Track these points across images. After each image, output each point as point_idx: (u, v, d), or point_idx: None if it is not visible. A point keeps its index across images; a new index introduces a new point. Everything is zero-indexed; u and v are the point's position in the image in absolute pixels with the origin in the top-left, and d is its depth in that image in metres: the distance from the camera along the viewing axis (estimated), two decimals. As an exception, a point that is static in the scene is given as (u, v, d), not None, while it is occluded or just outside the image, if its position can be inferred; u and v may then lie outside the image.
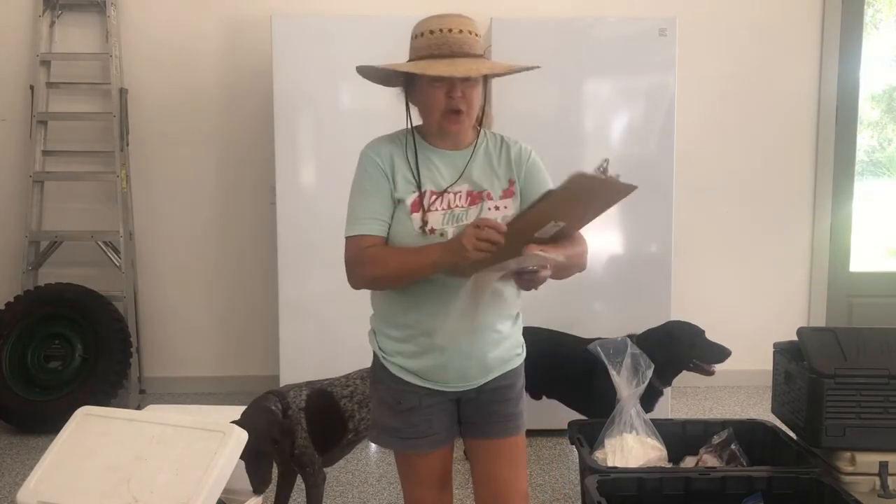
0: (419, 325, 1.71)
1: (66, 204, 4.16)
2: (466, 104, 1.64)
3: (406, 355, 1.74)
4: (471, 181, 1.71)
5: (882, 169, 4.67)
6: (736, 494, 2.24)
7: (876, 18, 4.45)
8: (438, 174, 1.70)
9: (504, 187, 1.73)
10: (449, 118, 1.65)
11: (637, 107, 3.59)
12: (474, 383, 1.76)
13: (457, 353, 1.70)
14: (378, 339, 1.82)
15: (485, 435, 1.81)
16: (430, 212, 1.65)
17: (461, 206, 1.68)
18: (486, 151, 1.75)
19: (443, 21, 1.65)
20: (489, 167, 1.73)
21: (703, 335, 2.81)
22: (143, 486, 1.91)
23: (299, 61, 3.48)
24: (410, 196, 1.67)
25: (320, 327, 3.56)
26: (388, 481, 3.16)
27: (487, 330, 1.71)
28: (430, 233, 1.64)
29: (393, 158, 1.72)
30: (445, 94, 1.63)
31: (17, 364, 3.79)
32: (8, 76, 4.10)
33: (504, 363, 1.78)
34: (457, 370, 1.72)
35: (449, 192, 1.68)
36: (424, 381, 1.74)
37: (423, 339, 1.70)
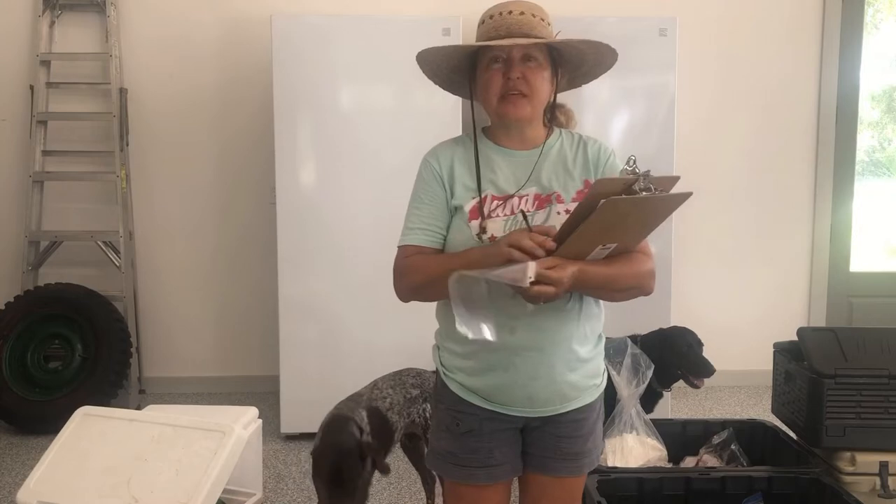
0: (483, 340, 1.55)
1: (66, 204, 4.16)
2: (528, 86, 1.51)
3: (468, 372, 1.59)
4: (539, 183, 1.56)
5: (882, 169, 4.67)
6: (736, 494, 2.24)
7: (876, 18, 4.45)
8: (503, 177, 1.56)
9: (578, 188, 1.56)
10: (507, 101, 1.52)
11: (637, 107, 3.59)
12: (543, 410, 1.57)
13: (523, 372, 1.53)
14: (441, 355, 1.66)
15: (543, 470, 1.63)
16: (489, 218, 1.51)
17: (527, 211, 1.53)
18: (560, 150, 1.60)
19: (504, 4, 1.54)
20: (562, 167, 1.58)
21: (695, 347, 2.81)
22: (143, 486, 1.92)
23: (299, 61, 3.47)
24: (470, 202, 1.54)
25: (320, 327, 3.56)
26: (389, 481, 3.16)
27: (560, 349, 1.54)
28: (491, 241, 1.49)
29: (453, 163, 1.59)
30: (503, 76, 1.51)
31: (17, 364, 3.79)
32: (8, 76, 4.10)
33: (579, 392, 1.59)
34: (522, 392, 1.55)
35: (514, 196, 1.54)
36: (487, 403, 1.57)
37: (485, 355, 1.54)
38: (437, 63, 1.60)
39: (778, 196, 4.33)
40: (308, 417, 3.60)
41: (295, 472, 3.28)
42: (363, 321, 3.52)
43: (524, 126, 1.58)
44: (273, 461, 3.36)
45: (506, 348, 1.52)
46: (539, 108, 1.57)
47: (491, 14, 1.54)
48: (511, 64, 1.50)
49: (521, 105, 1.52)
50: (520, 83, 1.51)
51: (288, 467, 3.32)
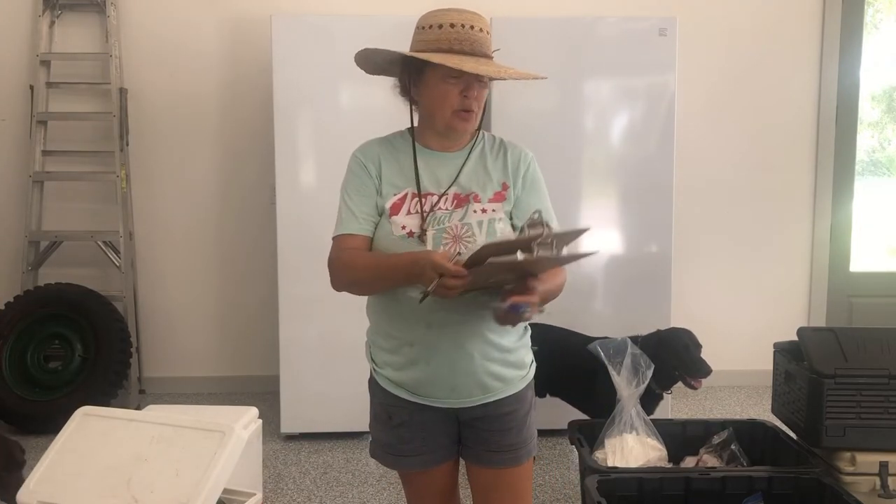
0: (403, 336, 1.64)
1: (66, 204, 4.16)
2: (478, 105, 1.61)
3: (394, 367, 1.67)
4: (459, 184, 1.64)
5: (882, 169, 4.67)
6: (736, 494, 2.24)
7: (876, 18, 4.45)
8: (427, 176, 1.64)
9: (496, 189, 1.65)
10: (460, 117, 1.60)
11: (637, 107, 3.59)
12: (469, 401, 1.64)
13: (442, 365, 1.60)
14: (371, 351, 1.77)
15: (482, 463, 1.71)
16: (410, 214, 1.60)
17: (445, 209, 1.61)
18: (482, 153, 1.69)
19: (464, 16, 1.57)
20: (482, 168, 1.67)
21: (691, 348, 2.79)
22: (143, 486, 1.91)
23: (299, 61, 3.47)
24: (391, 199, 1.62)
25: (320, 327, 3.56)
26: (388, 481, 3.16)
27: (477, 341, 1.60)
28: (410, 236, 1.58)
29: (380, 161, 1.67)
30: (461, 93, 1.57)
31: (17, 364, 3.79)
32: (8, 76, 4.10)
33: (504, 384, 1.65)
34: (445, 384, 1.62)
35: (434, 194, 1.62)
36: (414, 396, 1.65)
37: (407, 350, 1.63)
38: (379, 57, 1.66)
39: (778, 196, 4.33)
40: (308, 417, 3.61)
41: (295, 472, 3.28)
42: (363, 321, 3.51)
43: (458, 135, 1.66)
44: (273, 461, 3.36)
45: (424, 342, 1.60)
46: (478, 121, 1.66)
47: (452, 23, 1.56)
48: (472, 85, 1.57)
49: (471, 121, 1.62)
50: (473, 102, 1.59)
51: (288, 467, 3.32)
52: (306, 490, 3.11)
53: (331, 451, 3.49)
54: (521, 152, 1.70)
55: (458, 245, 1.57)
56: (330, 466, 3.33)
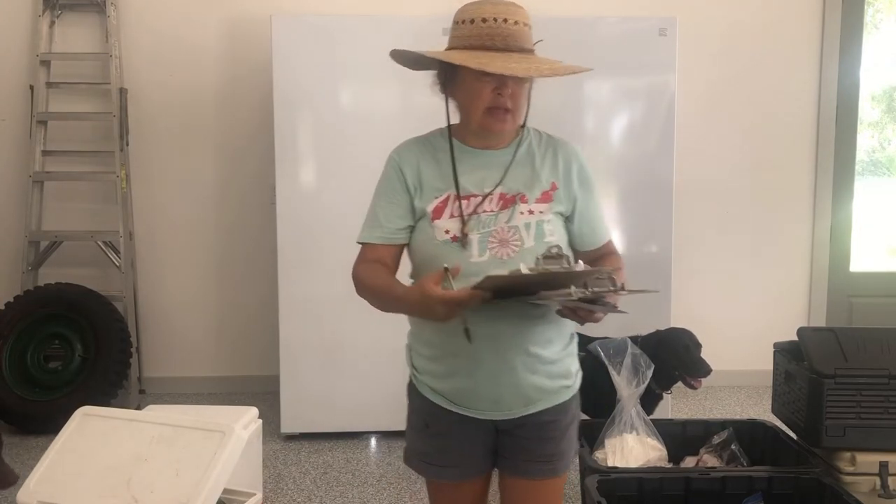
0: (445, 345, 1.56)
1: (66, 204, 4.16)
2: (514, 103, 1.51)
3: (435, 376, 1.60)
4: (504, 184, 1.55)
5: (882, 169, 4.67)
6: (736, 494, 2.24)
7: (876, 18, 4.45)
8: (470, 177, 1.55)
9: (544, 189, 1.56)
10: (494, 116, 1.51)
11: (637, 107, 3.59)
12: (510, 413, 1.58)
13: (485, 377, 1.53)
14: (412, 356, 1.68)
15: (518, 474, 1.64)
16: (453, 218, 1.52)
17: (490, 211, 1.53)
18: (529, 151, 1.60)
19: (497, 9, 1.48)
20: (529, 167, 1.58)
21: (691, 348, 2.79)
22: (143, 486, 1.91)
23: (299, 61, 3.47)
24: (433, 202, 1.54)
25: (320, 327, 3.56)
26: (388, 481, 3.16)
27: (519, 353, 1.53)
28: (454, 241, 1.50)
29: (419, 162, 1.58)
30: (493, 91, 1.48)
31: (17, 364, 3.79)
32: (8, 76, 4.09)
33: (548, 395, 1.59)
34: (487, 396, 1.56)
35: (478, 195, 1.54)
36: (454, 406, 1.59)
37: (449, 360, 1.56)
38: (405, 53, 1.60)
39: (778, 196, 4.33)
40: (308, 417, 3.61)
41: (295, 472, 3.28)
42: (363, 321, 3.50)
43: (500, 135, 1.58)
44: (273, 461, 3.36)
45: (466, 354, 1.51)
46: (520, 121, 1.58)
47: (484, 17, 1.47)
48: (505, 82, 1.48)
49: (507, 120, 1.53)
50: (508, 100, 1.50)
51: (288, 467, 3.32)
52: (306, 490, 3.11)
53: (331, 451, 3.49)
54: (571, 149, 1.62)
55: (506, 249, 1.50)
56: (330, 466, 3.33)
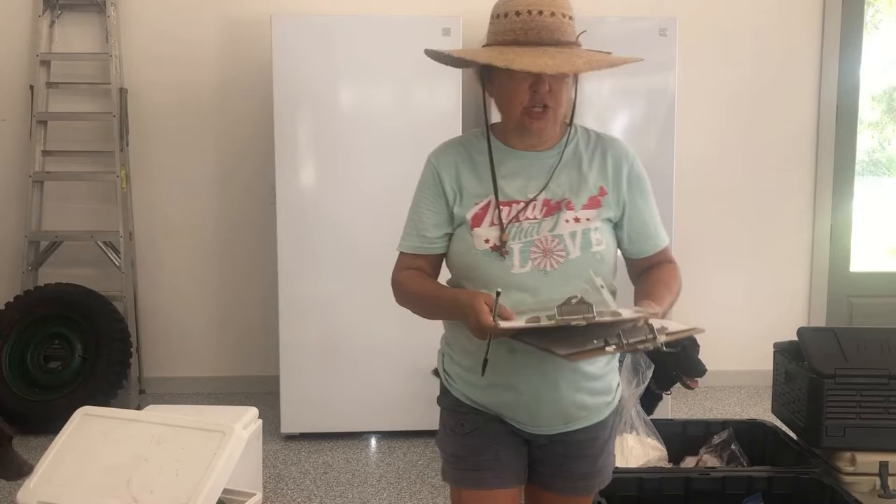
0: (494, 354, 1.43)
1: (66, 204, 4.16)
2: (554, 100, 1.40)
3: (470, 385, 1.51)
4: (549, 189, 1.45)
5: (882, 169, 4.67)
6: (736, 494, 2.24)
7: (876, 18, 4.45)
8: (511, 181, 1.46)
9: (591, 194, 1.46)
10: (531, 115, 1.41)
11: (637, 107, 3.59)
12: (548, 429, 1.50)
13: (527, 392, 1.45)
14: (444, 361, 1.59)
15: (550, 489, 1.57)
16: (494, 226, 1.42)
17: (533, 218, 1.43)
18: (576, 152, 1.49)
19: (532, 0, 1.37)
20: (576, 170, 1.47)
21: (688, 348, 2.78)
22: (143, 486, 1.91)
23: (299, 61, 3.47)
24: (472, 209, 1.45)
25: (320, 327, 3.56)
26: (389, 481, 3.16)
27: (564, 369, 1.44)
28: (494, 250, 1.41)
29: (458, 166, 1.48)
30: (529, 88, 1.38)
31: (17, 364, 3.79)
32: (8, 76, 4.09)
33: (589, 412, 1.51)
34: (527, 412, 1.48)
35: (520, 201, 1.44)
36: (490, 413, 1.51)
37: (489, 372, 1.43)
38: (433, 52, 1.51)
39: (778, 196, 4.33)
40: (308, 417, 3.61)
41: (295, 472, 3.28)
42: (363, 321, 3.52)
43: (540, 135, 1.48)
44: (273, 461, 3.36)
45: (507, 367, 1.43)
46: (561, 118, 1.47)
47: (518, 10, 1.37)
48: (541, 79, 1.37)
49: (546, 119, 1.42)
50: (547, 97, 1.39)
51: (288, 467, 3.32)
52: (306, 490, 3.11)
53: (331, 451, 3.49)
54: (622, 150, 1.51)
55: (549, 259, 1.41)
56: (330, 466, 3.33)
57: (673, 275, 1.51)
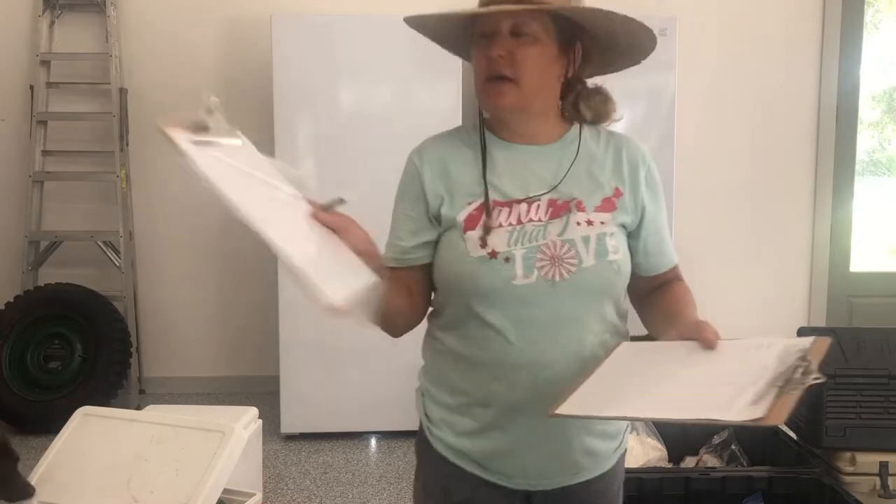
0: (476, 392, 1.24)
1: (66, 204, 4.16)
2: (513, 68, 1.17)
3: (458, 431, 1.26)
4: (557, 188, 1.23)
5: (882, 169, 4.67)
6: (736, 494, 2.24)
7: (876, 18, 4.45)
8: (507, 177, 1.24)
9: (605, 195, 1.24)
10: (488, 89, 1.20)
11: (637, 107, 3.59)
12: (551, 483, 1.26)
13: (526, 435, 1.22)
14: (425, 403, 1.33)
15: None
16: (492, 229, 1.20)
17: (537, 221, 1.20)
18: (585, 146, 1.29)
19: None
20: (587, 168, 1.26)
21: None
22: (143, 486, 1.91)
23: (299, 61, 3.48)
24: (465, 210, 1.23)
25: (320, 327, 3.56)
26: (389, 481, 3.16)
27: None
28: (492, 257, 1.18)
29: (445, 161, 1.27)
30: (484, 55, 1.19)
31: (17, 364, 3.79)
32: (8, 76, 4.09)
33: (598, 460, 1.28)
34: (523, 462, 1.24)
35: (520, 200, 1.22)
36: (481, 470, 1.26)
37: (479, 412, 1.23)
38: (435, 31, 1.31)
39: (778, 196, 4.33)
40: (308, 417, 3.61)
41: (295, 472, 3.28)
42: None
43: (520, 120, 1.26)
44: (273, 461, 3.36)
45: (505, 405, 1.21)
46: (533, 97, 1.22)
47: None
48: (494, 39, 1.17)
49: (504, 92, 1.19)
50: (501, 63, 1.17)
51: (288, 467, 3.32)
52: (306, 490, 3.11)
53: (331, 451, 3.49)
54: (639, 150, 1.32)
55: (558, 269, 1.18)
56: (330, 466, 3.33)
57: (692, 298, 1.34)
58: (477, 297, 1.20)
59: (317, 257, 1.08)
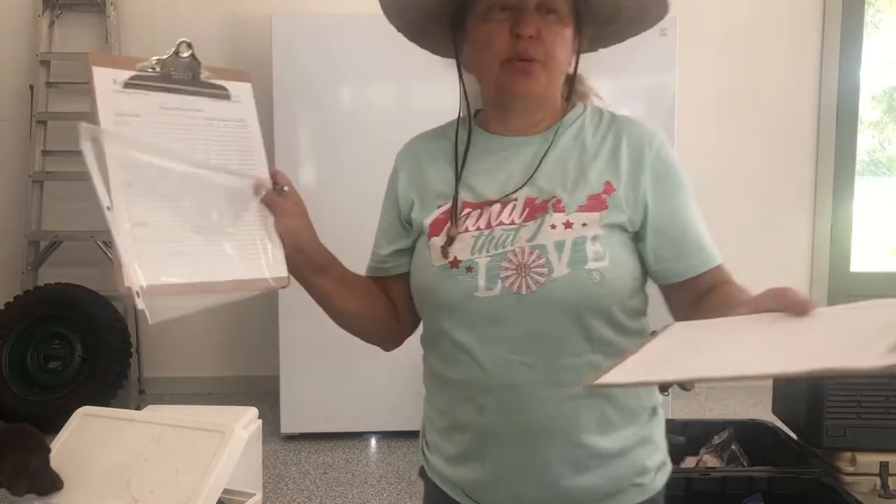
0: (450, 414, 1.11)
1: (65, 204, 4.15)
2: (543, 50, 1.02)
3: (445, 457, 1.13)
4: (534, 183, 1.06)
5: (882, 169, 4.67)
6: (736, 495, 2.24)
7: (876, 18, 4.45)
8: (488, 176, 1.10)
9: (593, 191, 1.04)
10: (513, 69, 1.03)
11: (637, 107, 3.59)
12: None
13: (505, 467, 1.06)
14: (424, 422, 1.21)
15: None
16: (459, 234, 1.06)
17: (508, 224, 1.04)
18: (578, 135, 1.10)
19: None
20: (575, 160, 1.07)
21: None
22: (143, 486, 1.91)
23: (299, 61, 3.47)
24: (433, 213, 1.10)
25: (320, 327, 3.55)
26: (389, 481, 3.16)
27: (557, 440, 1.03)
28: (453, 266, 1.04)
29: (421, 160, 1.17)
30: (510, 31, 1.02)
31: (17, 364, 3.79)
32: (8, 76, 4.09)
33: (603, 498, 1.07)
34: (508, 493, 1.07)
35: (497, 201, 1.07)
36: (467, 501, 1.12)
37: (456, 437, 1.10)
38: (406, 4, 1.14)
39: (778, 196, 4.33)
40: (308, 417, 3.61)
41: (295, 472, 3.28)
42: (363, 321, 3.52)
43: (533, 105, 1.10)
44: (273, 461, 3.36)
45: (478, 431, 1.07)
46: (556, 81, 1.09)
47: None
48: (523, 15, 1.02)
49: (534, 76, 1.04)
50: (533, 45, 1.02)
51: (288, 467, 3.32)
52: (306, 490, 3.11)
53: (331, 451, 3.49)
54: (644, 133, 1.10)
55: (524, 279, 1.01)
56: (330, 466, 3.33)
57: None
58: (440, 310, 1.08)
59: (153, 234, 1.00)
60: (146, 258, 1.00)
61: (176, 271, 1.01)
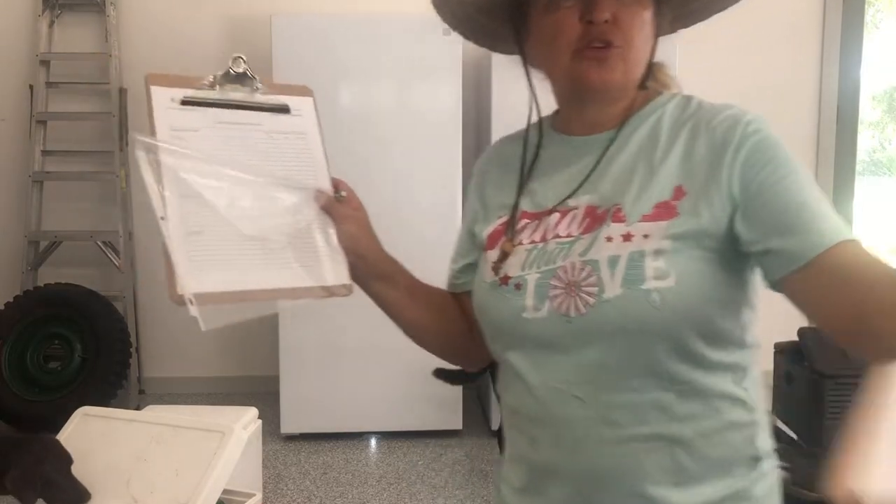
0: (513, 443, 1.00)
1: (65, 204, 4.16)
2: (621, 35, 0.90)
3: (510, 485, 1.01)
4: (598, 190, 0.93)
5: (883, 169, 4.67)
6: (736, 495, 2.24)
7: (876, 18, 4.46)
8: (550, 182, 0.97)
9: (659, 199, 0.88)
10: (586, 57, 0.90)
11: (637, 107, 3.59)
12: None
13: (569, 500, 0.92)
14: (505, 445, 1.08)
15: None
16: (514, 247, 0.95)
17: (565, 237, 0.92)
18: (652, 132, 0.95)
19: None
20: (644, 161, 0.92)
21: None
22: (143, 486, 1.91)
23: (299, 61, 3.47)
24: (492, 225, 1.00)
25: (320, 327, 3.56)
26: (388, 481, 3.16)
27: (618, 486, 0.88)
28: (503, 283, 0.93)
29: (492, 168, 1.07)
30: (580, 18, 0.89)
31: (17, 364, 3.79)
32: (7, 76, 4.09)
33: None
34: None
35: (554, 210, 0.94)
36: None
37: (516, 468, 0.99)
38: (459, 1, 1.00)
39: (778, 196, 4.33)
40: (308, 417, 3.61)
41: (295, 472, 3.28)
42: (363, 321, 3.51)
43: (607, 101, 0.96)
44: (273, 461, 3.36)
45: (533, 465, 0.95)
46: (636, 70, 0.95)
47: None
48: (596, 1, 0.89)
49: (611, 65, 0.91)
50: (609, 29, 0.89)
51: (288, 468, 3.32)
52: (306, 490, 3.10)
53: (331, 451, 3.49)
54: (734, 119, 0.96)
55: (573, 300, 0.87)
56: (330, 466, 3.33)
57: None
58: (493, 331, 0.98)
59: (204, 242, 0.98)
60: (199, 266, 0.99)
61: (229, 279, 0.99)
